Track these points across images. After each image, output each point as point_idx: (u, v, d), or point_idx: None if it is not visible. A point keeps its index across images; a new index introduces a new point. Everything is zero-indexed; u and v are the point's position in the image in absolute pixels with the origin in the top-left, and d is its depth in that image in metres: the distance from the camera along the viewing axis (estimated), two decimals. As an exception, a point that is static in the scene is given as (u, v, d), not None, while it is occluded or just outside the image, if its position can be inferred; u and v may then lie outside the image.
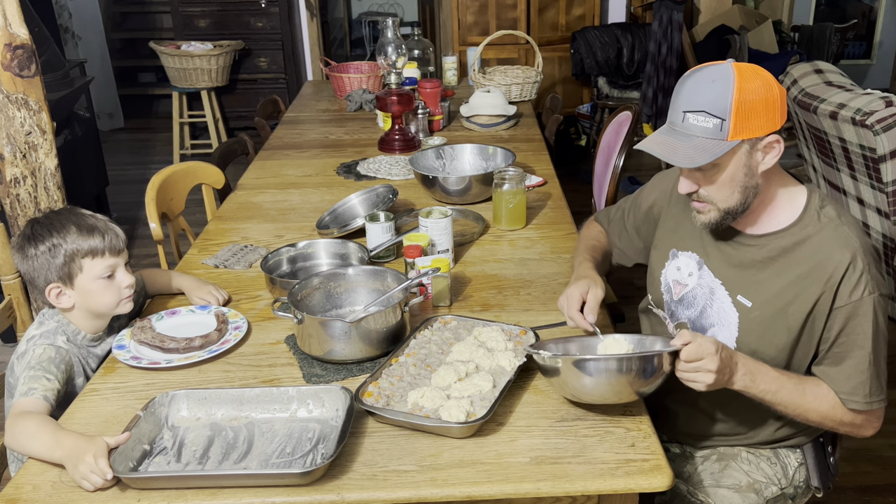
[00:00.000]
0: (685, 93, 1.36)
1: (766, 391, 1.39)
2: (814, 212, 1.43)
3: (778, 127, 1.35)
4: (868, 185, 3.03)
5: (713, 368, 1.30)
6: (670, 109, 1.39)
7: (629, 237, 1.77)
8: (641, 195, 1.74)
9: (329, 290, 1.73)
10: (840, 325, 1.39)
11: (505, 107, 3.08)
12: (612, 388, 1.32)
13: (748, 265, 1.47)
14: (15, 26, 2.32)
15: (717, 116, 1.31)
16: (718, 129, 1.32)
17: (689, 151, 1.33)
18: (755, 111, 1.32)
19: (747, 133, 1.33)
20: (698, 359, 1.30)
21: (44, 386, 1.48)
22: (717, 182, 1.38)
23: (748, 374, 1.36)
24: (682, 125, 1.35)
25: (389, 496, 1.23)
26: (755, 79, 1.32)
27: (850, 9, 6.91)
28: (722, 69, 1.33)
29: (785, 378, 1.40)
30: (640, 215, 1.73)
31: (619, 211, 1.80)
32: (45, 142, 2.44)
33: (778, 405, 1.41)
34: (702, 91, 1.33)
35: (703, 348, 1.29)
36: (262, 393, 1.43)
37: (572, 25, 5.14)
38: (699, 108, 1.33)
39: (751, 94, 1.31)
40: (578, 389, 1.34)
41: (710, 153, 1.32)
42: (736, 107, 1.31)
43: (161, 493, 1.23)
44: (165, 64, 5.31)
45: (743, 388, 1.38)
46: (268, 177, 2.67)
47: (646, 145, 1.39)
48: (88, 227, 1.60)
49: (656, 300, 1.65)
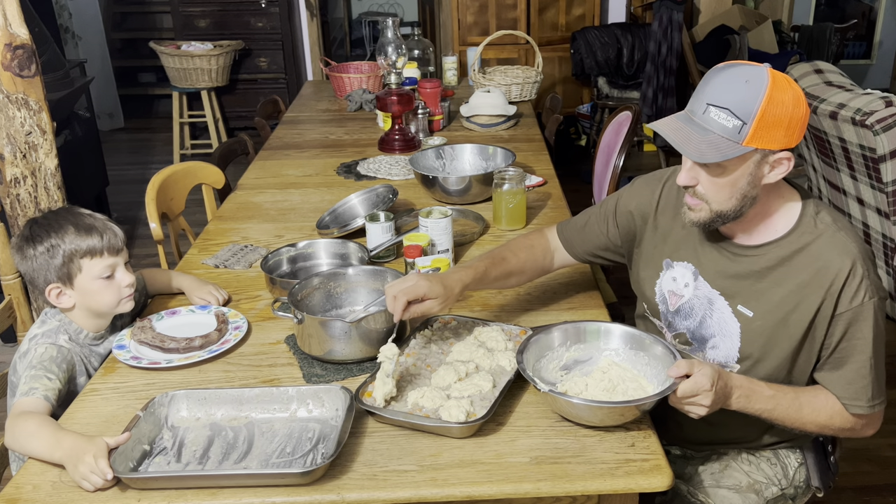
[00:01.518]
0: (714, 85, 1.32)
1: (763, 410, 1.40)
2: (810, 219, 1.41)
3: (793, 145, 1.32)
4: (868, 185, 3.03)
5: (707, 404, 1.31)
6: (693, 97, 1.35)
7: (607, 242, 1.67)
8: (618, 200, 1.65)
9: (329, 290, 1.73)
10: (842, 331, 1.39)
11: (505, 107, 3.08)
12: (609, 419, 1.33)
13: (746, 275, 1.45)
14: (15, 26, 2.32)
15: (740, 118, 1.29)
16: (737, 132, 1.29)
17: (701, 146, 1.31)
18: (778, 123, 1.29)
19: (763, 143, 1.30)
20: (693, 395, 1.30)
21: (45, 385, 1.48)
22: (717, 183, 1.35)
23: (743, 396, 1.37)
24: (702, 116, 1.32)
25: (389, 496, 1.23)
26: (787, 91, 1.29)
27: (850, 9, 6.91)
28: (758, 72, 1.30)
29: (780, 395, 1.40)
30: (620, 220, 1.64)
31: (590, 218, 1.70)
32: (46, 142, 2.44)
33: (775, 421, 1.42)
34: (732, 88, 1.30)
35: (699, 385, 1.29)
36: (261, 393, 1.42)
37: (572, 25, 5.14)
38: (724, 105, 1.30)
39: (779, 105, 1.28)
40: (572, 416, 1.36)
41: (722, 152, 1.30)
42: (761, 114, 1.28)
43: (161, 493, 1.23)
44: (165, 64, 5.31)
45: (739, 409, 1.39)
46: (268, 177, 2.67)
47: (660, 127, 1.36)
48: (87, 227, 1.59)
49: (652, 310, 1.63)
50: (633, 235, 1.64)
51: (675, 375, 1.30)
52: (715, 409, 1.33)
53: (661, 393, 1.30)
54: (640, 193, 1.63)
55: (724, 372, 1.36)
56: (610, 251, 1.69)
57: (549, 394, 1.32)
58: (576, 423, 1.36)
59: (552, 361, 1.48)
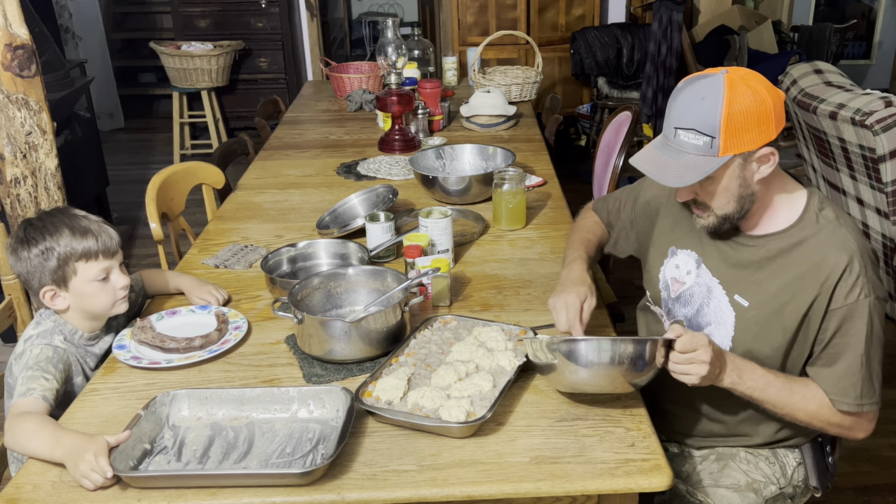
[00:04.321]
0: (676, 109, 1.36)
1: (754, 388, 1.40)
2: (812, 214, 1.43)
3: (772, 138, 1.34)
4: (868, 186, 3.03)
5: (707, 359, 1.31)
6: (664, 122, 1.39)
7: (624, 228, 1.77)
8: (641, 188, 1.73)
9: (329, 290, 1.74)
10: (835, 327, 1.40)
11: (505, 107, 3.08)
12: (607, 376, 1.32)
13: (746, 265, 1.47)
14: (15, 26, 2.32)
15: (707, 134, 1.31)
16: (709, 147, 1.32)
17: (679, 170, 1.34)
18: (746, 126, 1.31)
19: (738, 148, 1.32)
20: (693, 349, 1.31)
21: (42, 386, 1.48)
22: (712, 192, 1.39)
23: (735, 370, 1.38)
24: (675, 140, 1.36)
25: (389, 496, 1.23)
26: (746, 92, 1.30)
27: (849, 9, 6.91)
28: (712, 84, 1.31)
29: (772, 377, 1.42)
30: (638, 208, 1.72)
31: (616, 202, 1.80)
32: (46, 142, 2.44)
33: (766, 403, 1.42)
34: (691, 108, 1.33)
35: (697, 339, 1.31)
36: (262, 393, 1.43)
37: (572, 25, 5.14)
38: (689, 126, 1.33)
39: (741, 109, 1.30)
40: (573, 379, 1.35)
41: (701, 171, 1.33)
42: (725, 124, 1.30)
43: (161, 493, 1.23)
44: (165, 64, 5.32)
45: (731, 384, 1.39)
46: (268, 177, 2.67)
47: (638, 161, 1.41)
48: (82, 230, 1.59)
49: (654, 297, 1.66)
50: (648, 225, 1.69)
51: (671, 336, 1.32)
52: (713, 373, 1.34)
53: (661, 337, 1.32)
54: (655, 184, 1.66)
55: (717, 345, 1.37)
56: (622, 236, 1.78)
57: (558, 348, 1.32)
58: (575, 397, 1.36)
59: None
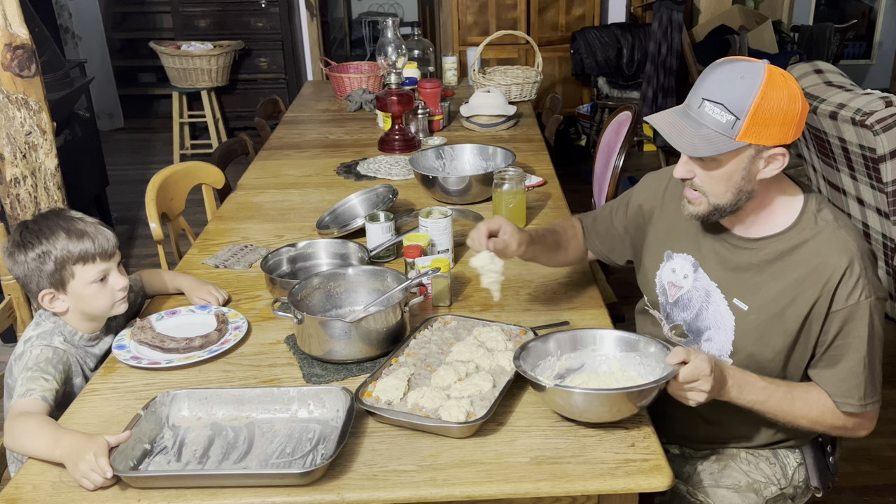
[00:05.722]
0: (711, 80, 1.34)
1: (755, 401, 1.40)
2: (811, 215, 1.42)
3: (789, 141, 1.33)
4: (868, 186, 3.03)
5: (707, 389, 1.31)
6: (691, 91, 1.37)
7: (618, 235, 1.74)
8: (632, 194, 1.71)
9: (329, 290, 1.74)
10: (836, 329, 1.40)
11: (505, 107, 3.08)
12: (608, 412, 1.33)
13: (745, 268, 1.47)
14: (15, 26, 2.32)
15: (733, 114, 1.30)
16: (730, 127, 1.31)
17: (694, 139, 1.33)
18: (772, 120, 1.30)
19: (757, 139, 1.31)
20: (694, 380, 1.31)
21: (42, 386, 1.47)
22: (713, 176, 1.37)
23: (736, 385, 1.38)
24: (697, 111, 1.34)
25: (389, 496, 1.23)
26: (783, 88, 1.30)
27: (849, 9, 6.91)
28: (754, 68, 1.31)
29: (773, 387, 1.41)
30: (630, 213, 1.70)
31: (606, 208, 1.78)
32: (45, 142, 2.44)
33: (767, 413, 1.43)
34: (727, 84, 1.31)
35: (699, 370, 1.30)
36: (262, 393, 1.43)
37: (572, 25, 5.15)
38: (718, 100, 1.31)
39: (773, 102, 1.29)
40: (572, 413, 1.35)
41: (715, 147, 1.31)
42: (754, 110, 1.29)
43: (161, 493, 1.23)
44: (165, 64, 5.32)
45: (732, 399, 1.39)
46: (268, 177, 2.67)
47: (655, 120, 1.38)
48: (78, 233, 1.58)
49: (652, 301, 1.65)
50: (642, 230, 1.67)
51: (673, 362, 1.31)
52: (713, 396, 1.34)
53: (662, 378, 1.30)
54: (648, 188, 1.67)
55: (719, 360, 1.37)
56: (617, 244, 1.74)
57: (554, 388, 1.31)
58: (577, 420, 1.36)
59: (546, 371, 1.46)
